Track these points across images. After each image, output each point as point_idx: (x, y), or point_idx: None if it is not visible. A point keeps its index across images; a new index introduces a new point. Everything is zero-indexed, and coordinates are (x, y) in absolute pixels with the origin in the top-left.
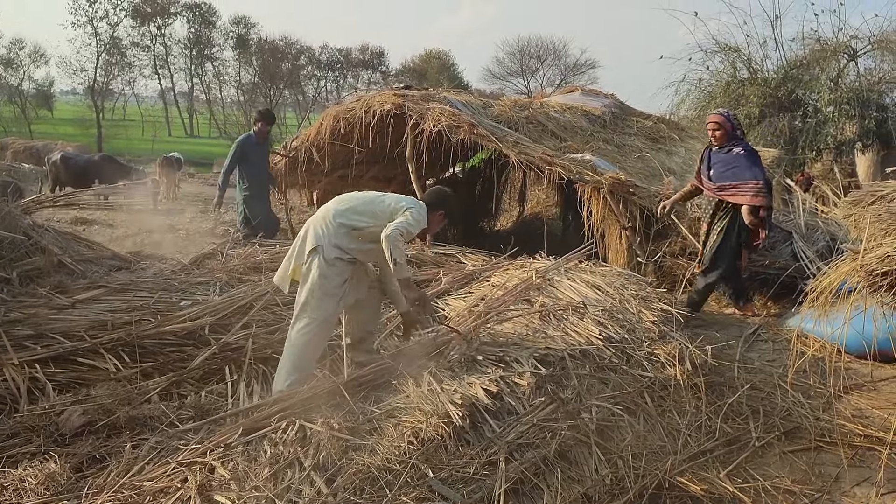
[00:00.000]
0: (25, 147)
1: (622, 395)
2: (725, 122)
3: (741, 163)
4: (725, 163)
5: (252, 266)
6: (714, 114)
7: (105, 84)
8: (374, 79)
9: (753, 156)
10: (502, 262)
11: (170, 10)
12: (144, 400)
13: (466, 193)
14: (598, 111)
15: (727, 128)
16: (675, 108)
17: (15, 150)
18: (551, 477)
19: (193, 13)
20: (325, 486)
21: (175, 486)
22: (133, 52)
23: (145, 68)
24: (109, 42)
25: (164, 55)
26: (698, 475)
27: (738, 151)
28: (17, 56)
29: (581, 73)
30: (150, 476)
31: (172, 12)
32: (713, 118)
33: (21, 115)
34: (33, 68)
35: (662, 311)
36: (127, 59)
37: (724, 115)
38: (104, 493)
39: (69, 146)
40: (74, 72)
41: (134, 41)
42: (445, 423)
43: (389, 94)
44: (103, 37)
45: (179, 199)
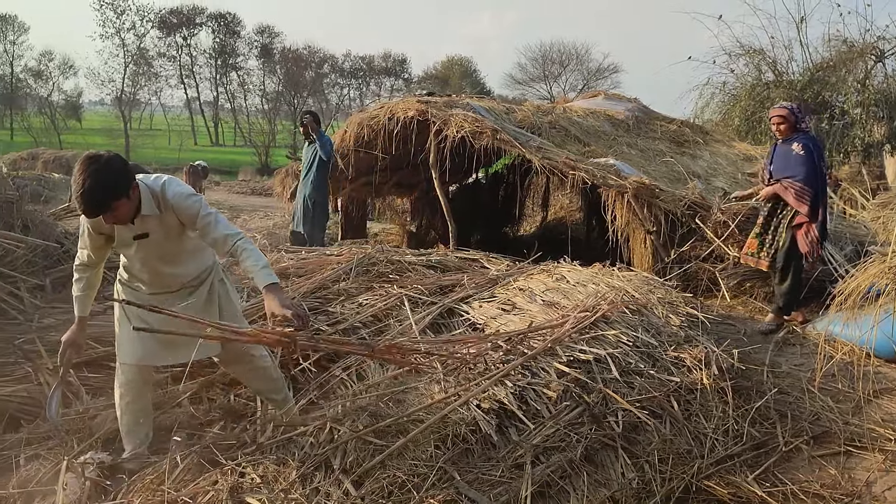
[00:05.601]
0: (55, 157)
1: (648, 399)
2: (790, 116)
3: (798, 160)
4: (786, 158)
5: (279, 272)
6: (778, 107)
7: (132, 94)
8: (396, 86)
9: (809, 154)
10: (526, 266)
11: (195, 20)
12: (175, 404)
13: (490, 199)
14: (621, 115)
15: (791, 121)
16: (698, 111)
17: (45, 160)
18: (577, 480)
19: (218, 23)
20: (354, 489)
21: (206, 488)
22: (159, 63)
23: (171, 78)
24: (136, 53)
25: (189, 65)
26: (725, 479)
27: (797, 148)
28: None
29: (604, 78)
30: (182, 479)
31: (198, 23)
32: (777, 112)
33: (51, 126)
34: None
35: (688, 316)
36: (153, 70)
37: (788, 108)
38: (139, 496)
39: None
40: (102, 82)
41: (160, 52)
42: (472, 429)
43: (413, 101)
44: (130, 48)
45: None
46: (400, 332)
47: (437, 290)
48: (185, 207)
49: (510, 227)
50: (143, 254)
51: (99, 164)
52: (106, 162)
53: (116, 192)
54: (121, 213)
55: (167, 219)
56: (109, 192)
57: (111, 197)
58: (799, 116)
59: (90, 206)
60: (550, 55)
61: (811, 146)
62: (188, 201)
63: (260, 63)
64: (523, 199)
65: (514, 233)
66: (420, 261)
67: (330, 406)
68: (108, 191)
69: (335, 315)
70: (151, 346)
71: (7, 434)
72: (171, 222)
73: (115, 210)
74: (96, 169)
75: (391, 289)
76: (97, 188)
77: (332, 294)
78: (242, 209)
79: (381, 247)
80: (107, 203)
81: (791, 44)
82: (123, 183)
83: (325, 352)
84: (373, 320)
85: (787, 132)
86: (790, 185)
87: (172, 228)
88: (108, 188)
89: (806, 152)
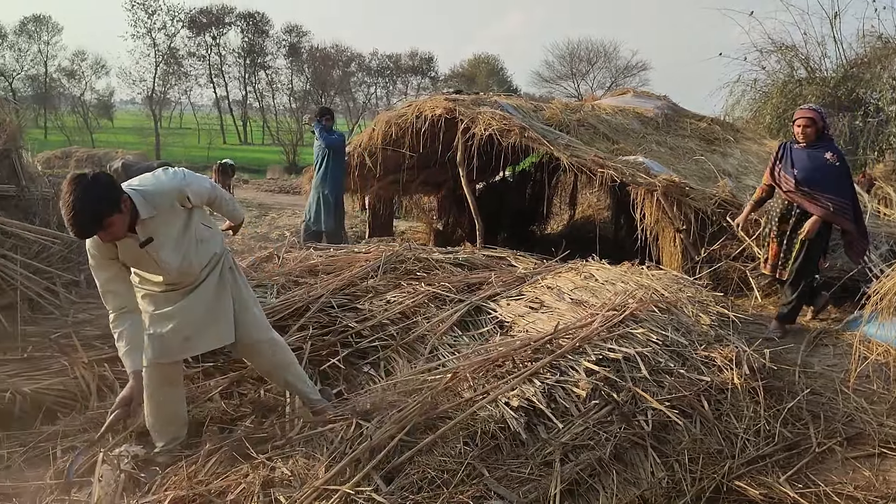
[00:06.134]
0: (88, 155)
1: (678, 398)
2: (819, 120)
3: (833, 172)
4: (815, 165)
5: (307, 269)
6: (806, 109)
7: (163, 93)
8: (423, 84)
9: (844, 165)
10: (554, 265)
11: (224, 20)
12: (207, 399)
13: (517, 197)
14: (650, 113)
15: (819, 125)
16: (729, 108)
17: (78, 159)
18: (607, 478)
19: (247, 23)
20: (384, 484)
21: (238, 481)
22: (189, 62)
23: (201, 77)
24: (167, 52)
25: (218, 64)
26: (757, 480)
27: (831, 159)
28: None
29: (632, 76)
30: (215, 471)
31: (227, 22)
32: (806, 114)
33: (83, 125)
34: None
35: (719, 315)
36: (183, 69)
37: (817, 111)
38: (172, 489)
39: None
40: (134, 82)
41: (190, 51)
42: (501, 427)
43: (440, 99)
44: (161, 47)
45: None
46: (428, 330)
47: (465, 287)
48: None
49: (537, 225)
50: (154, 256)
51: (85, 183)
52: (92, 180)
53: (109, 208)
54: (116, 228)
55: (166, 214)
56: (99, 210)
57: (103, 214)
58: (826, 122)
59: (81, 226)
60: (578, 53)
61: (841, 155)
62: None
63: (288, 62)
64: (550, 198)
65: (541, 231)
66: (447, 258)
67: (358, 401)
68: (98, 208)
69: (364, 312)
70: (168, 343)
71: (44, 426)
72: (172, 215)
73: (110, 227)
74: (83, 188)
75: (419, 286)
76: (87, 208)
77: (360, 291)
78: (271, 207)
79: (408, 244)
80: (98, 221)
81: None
82: (113, 197)
83: None
84: (401, 317)
85: (812, 136)
86: (830, 200)
87: (176, 220)
88: (98, 205)
89: (842, 163)
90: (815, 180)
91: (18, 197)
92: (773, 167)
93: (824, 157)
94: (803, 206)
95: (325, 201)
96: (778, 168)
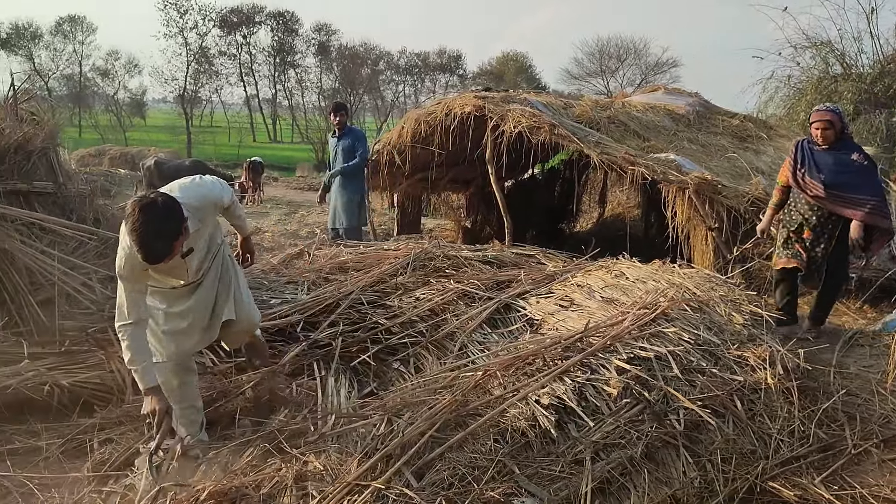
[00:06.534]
0: (121, 153)
1: (710, 397)
2: (837, 121)
3: (862, 172)
4: (842, 167)
5: (337, 266)
6: (823, 110)
7: (194, 92)
8: (451, 82)
9: (873, 166)
10: (584, 263)
11: (255, 19)
12: (239, 393)
13: (546, 195)
14: (681, 110)
15: (838, 127)
16: (762, 105)
17: (112, 157)
18: (638, 478)
19: (277, 22)
20: (415, 480)
21: (271, 474)
22: (220, 61)
23: (231, 76)
24: (198, 51)
25: (249, 63)
26: (791, 481)
27: (858, 159)
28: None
29: (662, 73)
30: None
31: (257, 21)
32: (823, 116)
33: (117, 123)
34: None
35: (752, 314)
36: (214, 68)
37: (835, 111)
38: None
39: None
40: (166, 81)
41: (221, 50)
42: (531, 424)
43: (470, 97)
44: (193, 46)
45: (264, 203)
46: (457, 327)
47: (494, 285)
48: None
49: (566, 223)
50: (188, 264)
51: (156, 212)
52: (162, 207)
53: (177, 234)
54: (178, 248)
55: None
56: (170, 237)
57: (173, 240)
58: (845, 122)
59: (156, 254)
60: (608, 50)
61: (866, 154)
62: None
63: (317, 60)
64: (580, 195)
65: (570, 229)
66: (476, 256)
67: (389, 398)
68: (170, 235)
69: (393, 309)
70: (188, 340)
71: (81, 419)
72: (206, 222)
73: (175, 249)
74: (156, 217)
75: (448, 283)
76: (161, 236)
77: (389, 288)
78: (300, 205)
79: (437, 242)
80: (170, 247)
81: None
82: (180, 221)
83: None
84: (430, 314)
85: (831, 138)
86: (866, 201)
87: (207, 227)
88: (169, 233)
89: (869, 162)
90: (846, 183)
91: (56, 194)
92: (795, 172)
93: (850, 158)
94: (836, 212)
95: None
96: (801, 172)
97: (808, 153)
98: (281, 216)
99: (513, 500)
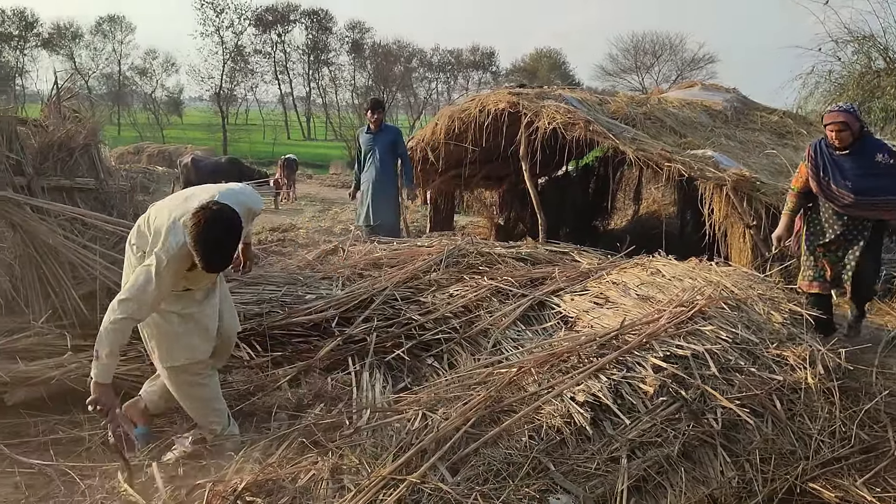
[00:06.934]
0: (159, 151)
1: (749, 396)
2: (853, 121)
3: (891, 172)
4: (867, 170)
5: (371, 262)
6: (836, 111)
7: (230, 90)
8: (484, 79)
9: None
10: (619, 260)
11: (289, 17)
12: (276, 387)
13: (580, 192)
14: (719, 106)
15: (854, 128)
16: (802, 101)
17: (149, 154)
18: (675, 476)
19: (311, 20)
20: (449, 475)
21: (307, 467)
22: (255, 59)
23: (266, 74)
24: (234, 50)
25: (283, 61)
26: (832, 482)
27: (883, 159)
28: (151, 66)
29: (699, 68)
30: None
31: (292, 20)
32: (836, 118)
33: (154, 121)
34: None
35: (791, 313)
36: (249, 66)
37: (849, 111)
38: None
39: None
40: (202, 79)
41: (256, 48)
42: (566, 421)
43: (504, 93)
44: (228, 45)
45: (298, 200)
46: (491, 324)
47: (528, 282)
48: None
49: (600, 220)
50: None
51: (224, 223)
52: (228, 218)
53: (238, 244)
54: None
55: None
56: (234, 248)
57: (235, 250)
58: (862, 120)
59: (219, 265)
60: (643, 45)
61: (891, 151)
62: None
63: (351, 58)
64: (614, 192)
65: (604, 226)
66: (510, 253)
67: (423, 393)
68: (234, 247)
69: (426, 305)
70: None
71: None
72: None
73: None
74: (224, 228)
75: (481, 280)
76: (228, 248)
77: (423, 284)
78: (334, 202)
79: (470, 238)
80: (231, 257)
81: None
82: (241, 231)
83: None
84: (463, 311)
85: (848, 140)
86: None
87: None
88: (234, 244)
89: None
90: (875, 187)
91: (97, 190)
92: (820, 180)
93: (875, 160)
94: (870, 217)
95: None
96: (825, 181)
97: (828, 158)
98: (315, 213)
99: (548, 497)
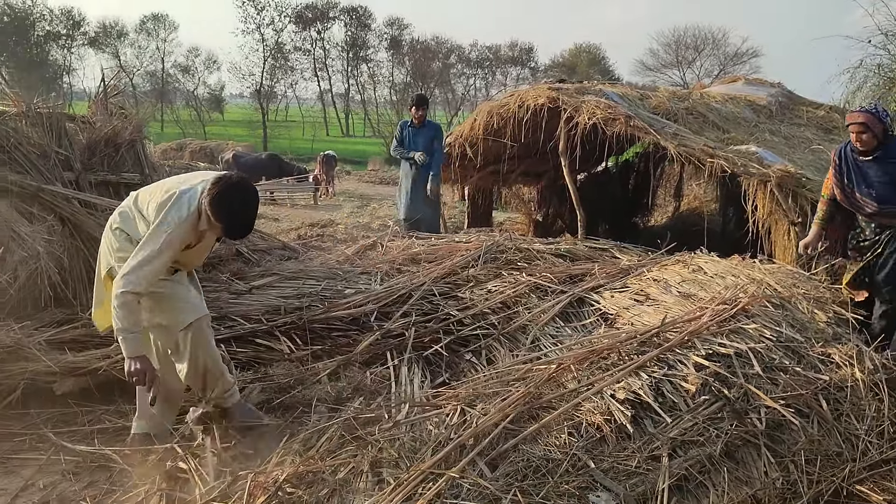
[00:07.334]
0: (201, 147)
1: (794, 396)
2: (875, 123)
3: None
4: (893, 177)
5: (410, 257)
6: (857, 112)
7: (270, 87)
8: (522, 75)
9: None
10: (659, 257)
11: (329, 14)
12: (316, 380)
13: (619, 188)
14: (763, 101)
15: (877, 129)
16: (850, 96)
17: (192, 150)
18: (717, 476)
19: (350, 17)
20: (489, 470)
21: (347, 460)
22: (295, 57)
23: (306, 71)
24: (274, 47)
25: (322, 58)
26: (881, 485)
27: None
28: (194, 63)
29: (742, 63)
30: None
31: (331, 17)
32: (857, 118)
33: (196, 118)
34: (207, 74)
35: (836, 312)
36: (289, 63)
37: (872, 112)
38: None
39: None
40: (243, 76)
41: (296, 46)
42: (606, 419)
43: (543, 88)
44: (269, 42)
45: (336, 196)
46: (529, 320)
47: (567, 278)
48: None
49: (640, 217)
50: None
51: (249, 192)
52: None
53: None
54: None
55: None
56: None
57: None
58: (887, 122)
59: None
60: (684, 40)
61: None
62: None
63: (389, 55)
64: (655, 189)
65: (644, 223)
66: (548, 249)
67: (462, 388)
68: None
69: (465, 300)
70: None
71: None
72: None
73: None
74: (252, 198)
75: (520, 276)
76: (252, 213)
77: (461, 280)
78: (372, 198)
79: (509, 234)
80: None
81: None
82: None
83: None
84: (502, 307)
85: (871, 143)
86: None
87: None
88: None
89: None
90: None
91: (142, 184)
92: (844, 187)
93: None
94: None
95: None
96: (849, 188)
97: (853, 163)
98: (353, 209)
99: (588, 495)
